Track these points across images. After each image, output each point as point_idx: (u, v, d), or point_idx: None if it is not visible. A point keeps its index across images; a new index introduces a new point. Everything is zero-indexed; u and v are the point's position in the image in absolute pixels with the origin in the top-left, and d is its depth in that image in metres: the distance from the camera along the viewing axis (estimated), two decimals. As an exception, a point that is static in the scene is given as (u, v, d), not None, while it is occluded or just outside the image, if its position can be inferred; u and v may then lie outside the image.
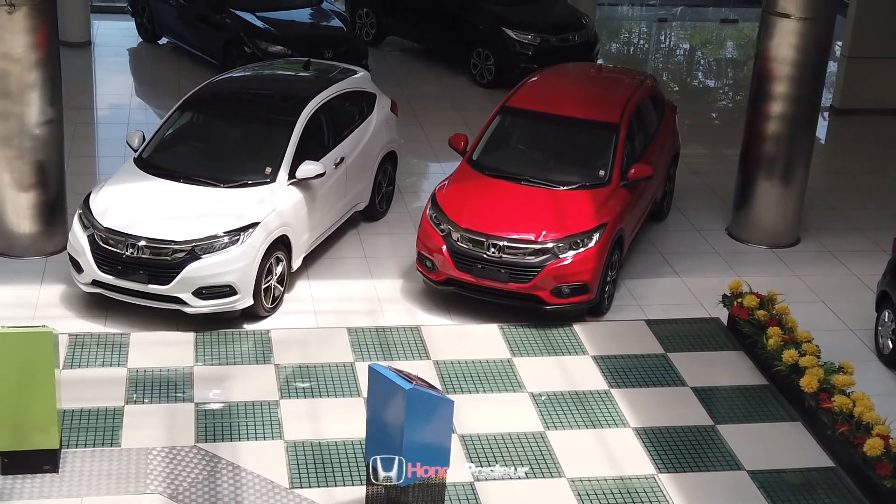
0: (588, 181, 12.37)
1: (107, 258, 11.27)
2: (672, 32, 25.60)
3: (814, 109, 13.92)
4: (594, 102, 13.36)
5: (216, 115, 12.89)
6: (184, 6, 19.48)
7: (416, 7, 20.43)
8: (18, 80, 12.12)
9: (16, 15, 11.84)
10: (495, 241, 11.66)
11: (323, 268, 12.91)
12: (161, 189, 11.82)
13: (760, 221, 14.07)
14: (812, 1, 13.08)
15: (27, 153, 12.37)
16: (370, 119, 13.77)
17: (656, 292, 12.87)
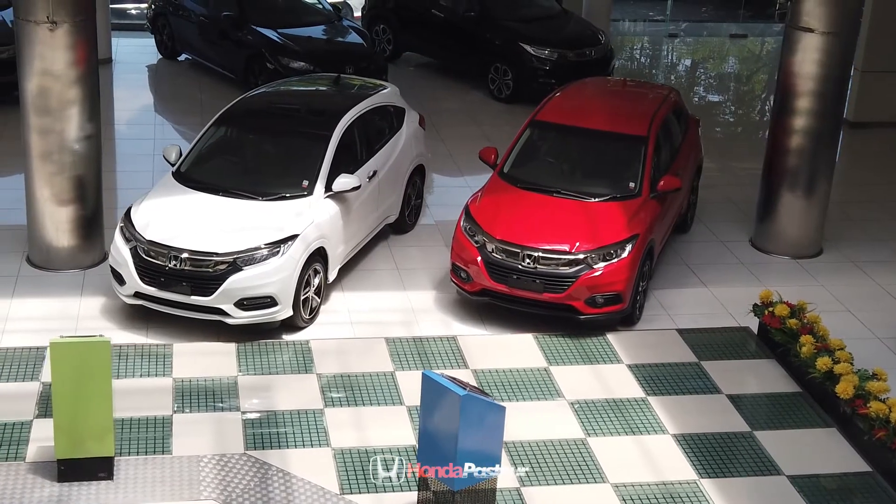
0: (618, 193, 12.58)
1: (149, 270, 11.45)
2: (682, 48, 25.87)
3: (836, 124, 14.15)
4: (622, 116, 13.59)
5: (252, 129, 13.11)
6: (204, 23, 19.71)
7: (432, 23, 20.67)
8: (59, 96, 12.31)
9: (57, 32, 12.04)
10: (530, 252, 11.86)
11: (356, 279, 13.10)
12: (201, 202, 12.01)
13: (784, 233, 14.28)
14: (835, 15, 13.31)
15: (66, 168, 12.56)
16: (400, 133, 13.99)
17: (685, 302, 13.07)
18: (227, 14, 19.03)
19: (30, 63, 12.22)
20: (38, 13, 11.96)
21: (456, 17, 20.23)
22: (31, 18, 12.02)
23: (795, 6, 13.51)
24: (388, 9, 21.36)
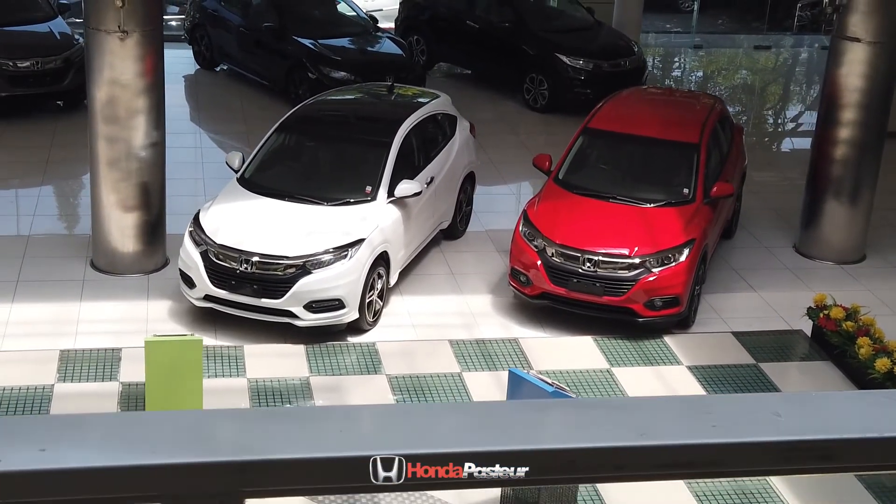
0: (673, 199, 12.86)
1: (220, 273, 11.71)
2: (710, 59, 26.18)
3: (881, 133, 14.42)
4: (673, 124, 13.87)
5: (314, 136, 13.40)
6: (244, 34, 19.99)
7: (467, 34, 20.96)
8: (127, 105, 12.58)
9: (127, 42, 12.32)
10: (590, 256, 12.13)
11: (414, 283, 13.36)
12: (268, 207, 12.28)
13: (828, 239, 14.56)
14: (882, 26, 13.61)
15: (132, 175, 12.82)
16: (454, 141, 14.27)
17: (735, 306, 13.34)
18: (267, 25, 19.32)
19: (99, 72, 12.49)
20: (109, 23, 12.23)
21: (491, 28, 20.52)
22: (101, 28, 12.29)
23: (842, 17, 13.80)
24: (423, 20, 21.66)
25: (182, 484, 1.42)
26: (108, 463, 1.39)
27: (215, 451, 1.43)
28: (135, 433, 1.46)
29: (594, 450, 1.51)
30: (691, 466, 1.53)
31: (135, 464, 1.40)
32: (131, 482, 1.41)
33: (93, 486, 1.40)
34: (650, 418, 1.56)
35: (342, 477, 1.48)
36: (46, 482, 1.38)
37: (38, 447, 1.36)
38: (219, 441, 1.45)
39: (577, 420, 1.57)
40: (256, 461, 1.43)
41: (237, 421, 1.48)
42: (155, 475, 1.41)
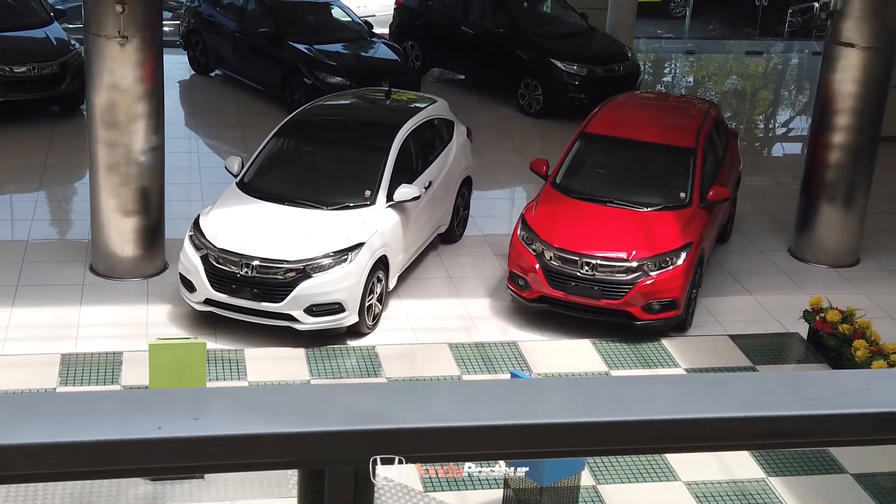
0: (670, 203, 12.95)
1: (220, 277, 11.76)
2: (702, 64, 26.31)
3: (875, 137, 14.54)
4: (669, 128, 13.97)
5: (312, 141, 13.46)
6: (239, 39, 20.05)
7: (462, 40, 21.04)
8: (126, 110, 12.62)
9: (127, 47, 12.36)
10: (588, 260, 12.21)
11: (412, 287, 13.43)
12: (267, 211, 12.34)
13: (823, 243, 14.67)
14: (876, 31, 13.74)
15: (132, 180, 12.87)
16: (451, 145, 14.35)
17: (731, 309, 13.43)
18: (263, 30, 19.38)
19: (99, 77, 12.54)
20: (108, 28, 12.28)
21: (486, 34, 20.61)
22: (101, 33, 12.34)
23: (836, 23, 13.92)
24: (418, 26, 21.74)
25: (320, 450, 1.51)
26: (254, 430, 1.48)
27: (351, 421, 1.51)
28: (279, 403, 1.55)
29: (702, 420, 1.60)
30: (791, 436, 1.61)
31: (278, 431, 1.48)
32: (275, 448, 1.50)
33: (240, 452, 1.48)
34: (751, 391, 1.64)
35: (460, 446, 1.56)
36: (199, 448, 1.47)
37: (192, 416, 1.45)
38: (354, 411, 1.53)
39: (688, 393, 1.64)
40: (388, 429, 1.51)
41: (371, 393, 1.57)
42: (296, 442, 1.50)
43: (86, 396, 1.44)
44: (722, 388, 1.64)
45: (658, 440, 1.64)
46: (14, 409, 1.50)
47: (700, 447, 1.68)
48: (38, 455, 1.42)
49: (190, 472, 1.38)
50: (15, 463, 1.45)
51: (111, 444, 1.42)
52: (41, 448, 1.42)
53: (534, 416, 1.55)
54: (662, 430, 1.55)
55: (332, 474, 1.54)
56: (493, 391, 1.68)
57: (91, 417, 1.43)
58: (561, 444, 1.60)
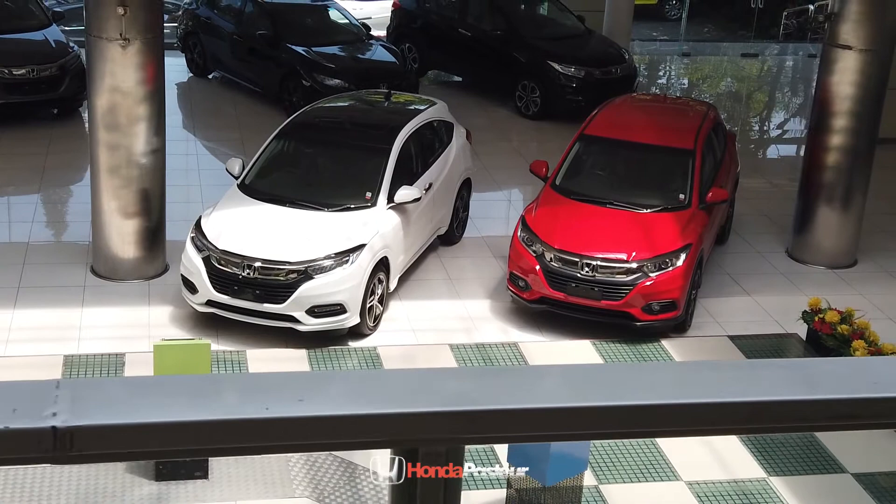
0: (669, 204, 13.01)
1: (222, 279, 11.80)
2: (698, 66, 26.40)
3: (872, 139, 14.61)
4: (668, 130, 14.04)
5: (313, 143, 13.51)
6: (237, 41, 20.10)
7: (459, 42, 21.10)
8: (128, 112, 12.65)
9: (128, 50, 12.40)
10: (588, 261, 12.27)
11: (412, 289, 13.48)
12: (269, 213, 12.38)
13: (821, 244, 14.75)
14: (873, 33, 13.81)
15: (133, 182, 12.90)
16: (450, 147, 14.40)
17: (730, 310, 13.49)
18: (261, 33, 19.43)
19: (101, 79, 12.57)
20: (110, 31, 12.32)
21: (483, 36, 20.68)
22: (103, 36, 12.38)
23: (834, 25, 14.00)
24: (415, 28, 21.81)
25: (412, 431, 1.57)
26: (353, 412, 1.54)
27: (444, 402, 1.57)
28: (374, 387, 1.61)
29: (777, 402, 1.67)
30: (858, 418, 1.68)
31: (376, 412, 1.55)
32: (372, 429, 1.56)
33: (339, 432, 1.55)
34: (822, 375, 1.70)
35: (543, 426, 1.62)
36: (305, 427, 1.53)
37: (297, 398, 1.51)
38: (444, 394, 1.59)
39: (767, 376, 1.71)
40: (477, 411, 1.57)
41: (461, 376, 1.63)
42: (391, 422, 1.56)
43: (203, 379, 1.49)
44: (790, 372, 1.70)
45: (758, 420, 1.70)
46: (145, 390, 1.58)
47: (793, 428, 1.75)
48: (165, 432, 1.48)
49: (295, 450, 1.47)
50: (148, 440, 1.52)
51: (226, 423, 1.48)
52: (168, 426, 1.48)
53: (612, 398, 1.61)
54: (759, 410, 1.62)
55: (424, 454, 1.61)
56: (572, 374, 1.74)
57: (207, 398, 1.50)
58: (662, 424, 1.66)
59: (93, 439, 1.45)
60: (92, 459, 1.49)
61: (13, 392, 1.52)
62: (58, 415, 1.44)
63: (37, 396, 1.47)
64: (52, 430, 1.44)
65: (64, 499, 9.30)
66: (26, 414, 1.43)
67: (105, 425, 1.45)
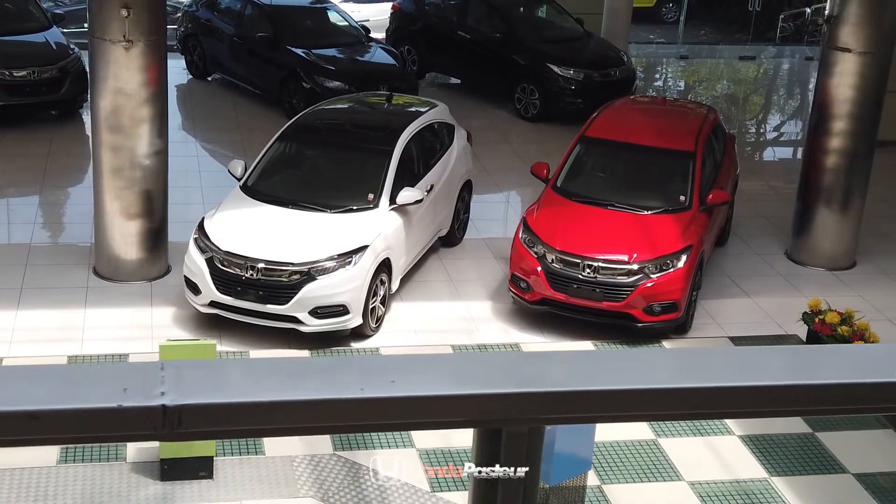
0: (670, 206, 13.08)
1: (225, 280, 11.84)
2: (696, 69, 26.49)
3: (871, 142, 14.68)
4: (668, 132, 14.10)
5: (315, 144, 13.56)
6: (237, 44, 20.14)
7: (459, 45, 21.16)
8: (131, 114, 12.68)
9: (132, 52, 12.44)
10: (590, 262, 12.33)
11: (414, 290, 13.53)
12: (271, 214, 12.43)
13: (820, 246, 14.82)
14: (873, 36, 13.88)
15: (136, 183, 12.93)
16: (451, 149, 14.46)
17: (730, 311, 13.56)
18: (261, 35, 19.47)
19: (104, 81, 12.60)
20: (113, 32, 12.35)
21: (483, 39, 20.74)
22: (106, 37, 12.42)
23: (833, 28, 14.07)
24: (415, 30, 21.86)
25: (497, 412, 1.63)
26: (441, 392, 1.60)
27: (528, 384, 1.62)
28: (462, 369, 1.67)
29: (824, 385, 1.75)
30: None
31: (461, 393, 1.61)
32: (459, 408, 1.62)
33: (428, 411, 1.61)
34: (858, 362, 1.77)
35: (618, 407, 1.68)
36: (397, 407, 1.59)
37: (389, 379, 1.57)
38: (529, 375, 1.65)
39: (811, 360, 1.77)
40: (560, 392, 1.62)
41: (544, 359, 1.69)
42: (478, 403, 1.62)
43: (298, 361, 1.55)
44: (831, 358, 1.76)
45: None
46: (243, 371, 1.66)
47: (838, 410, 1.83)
48: (264, 411, 1.54)
49: (386, 429, 1.58)
50: (249, 419, 1.60)
51: (321, 402, 1.54)
52: (267, 405, 1.54)
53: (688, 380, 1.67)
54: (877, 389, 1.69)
55: (508, 433, 1.67)
56: (650, 357, 1.80)
57: (302, 379, 1.56)
58: (725, 406, 1.72)
59: (199, 417, 1.52)
60: (197, 437, 1.55)
61: (121, 372, 1.59)
62: (166, 394, 1.51)
63: (144, 376, 1.54)
64: (162, 409, 1.51)
65: (70, 499, 9.34)
66: (137, 393, 1.50)
67: (209, 404, 1.52)
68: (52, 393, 1.51)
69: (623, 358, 1.75)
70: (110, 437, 1.56)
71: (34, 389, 1.52)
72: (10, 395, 1.52)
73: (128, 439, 1.57)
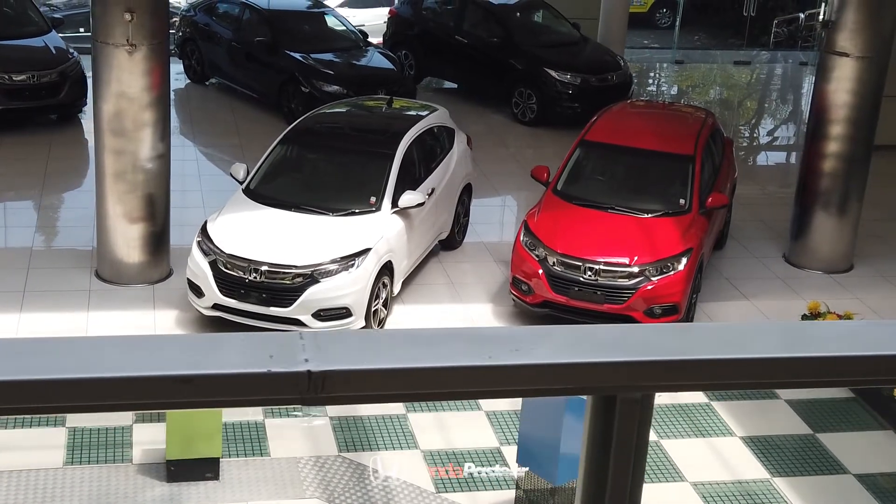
0: (670, 209, 13.16)
1: (229, 283, 11.89)
2: (692, 73, 26.60)
3: (868, 146, 14.78)
4: (668, 136, 14.19)
5: (318, 148, 13.63)
6: (235, 48, 20.19)
7: (456, 49, 21.24)
8: (133, 118, 12.73)
9: (135, 56, 12.49)
10: (591, 265, 12.41)
11: (415, 293, 13.59)
12: (274, 217, 12.49)
13: (817, 249, 14.91)
14: (870, 41, 13.98)
15: (138, 187, 12.98)
16: (452, 153, 14.54)
17: (729, 314, 13.64)
18: (259, 39, 19.53)
19: (107, 85, 12.65)
20: (117, 36, 12.40)
21: (480, 43, 20.83)
22: (109, 41, 12.46)
23: (831, 33, 14.17)
24: (412, 35, 21.93)
25: (613, 379, 1.71)
26: (561, 360, 1.68)
27: (643, 352, 1.71)
28: (580, 338, 1.76)
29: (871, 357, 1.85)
30: None
31: (579, 361, 1.69)
32: (576, 375, 1.71)
33: (548, 378, 1.69)
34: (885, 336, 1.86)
35: (724, 375, 1.77)
36: (520, 374, 1.67)
37: (513, 348, 1.65)
38: (645, 344, 1.74)
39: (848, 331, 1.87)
40: (673, 360, 1.71)
41: (653, 330, 1.78)
42: (596, 370, 1.71)
43: (429, 331, 1.63)
44: None
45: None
46: (379, 341, 1.74)
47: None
48: (401, 377, 1.62)
49: (510, 395, 1.70)
50: (387, 384, 1.70)
51: (452, 369, 1.63)
52: (403, 371, 1.63)
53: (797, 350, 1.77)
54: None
55: (622, 400, 1.76)
56: (756, 329, 1.88)
57: (435, 347, 1.65)
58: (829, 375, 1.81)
59: (341, 382, 1.61)
60: (337, 401, 1.64)
61: (265, 341, 1.68)
62: (310, 361, 1.59)
63: (287, 345, 1.63)
64: (308, 374, 1.59)
65: (77, 500, 9.38)
66: (283, 360, 1.59)
67: (350, 370, 1.60)
68: (203, 359, 1.61)
69: (730, 329, 1.84)
70: (258, 400, 1.66)
71: (186, 356, 1.62)
72: (165, 360, 1.61)
73: (274, 403, 1.65)
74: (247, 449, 10.27)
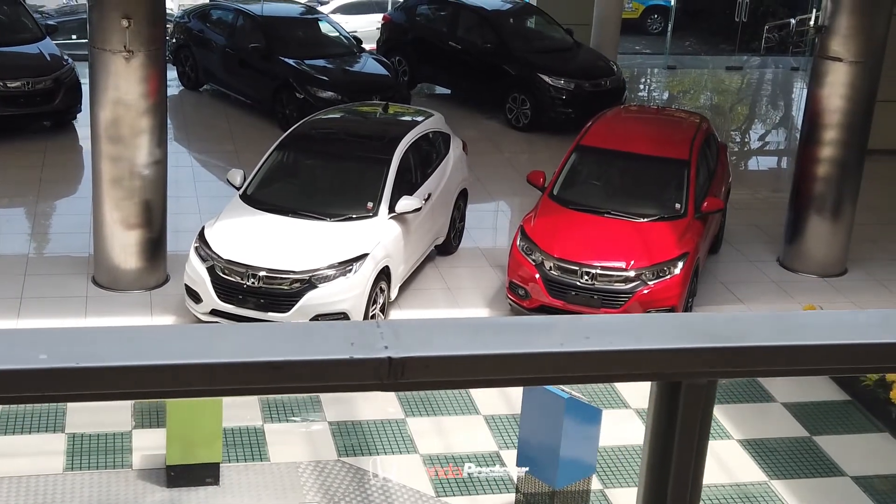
0: (666, 214, 13.22)
1: (227, 288, 11.92)
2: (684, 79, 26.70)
3: (862, 150, 14.86)
4: (663, 141, 14.26)
5: (314, 154, 13.67)
6: (230, 54, 20.23)
7: (450, 56, 21.30)
8: (130, 125, 12.74)
9: (132, 62, 12.51)
10: (588, 270, 12.46)
11: (412, 298, 13.62)
12: (271, 223, 12.52)
13: (812, 253, 14.98)
14: (863, 46, 14.07)
15: (135, 193, 12.99)
16: (448, 158, 14.58)
17: (725, 318, 13.69)
18: (253, 45, 19.57)
19: (104, 91, 12.67)
20: (114, 43, 12.42)
21: (474, 49, 20.88)
22: (106, 48, 12.48)
23: (824, 38, 14.25)
24: (405, 41, 21.99)
25: (678, 366, 1.77)
26: (632, 346, 1.74)
27: (708, 340, 1.76)
28: (646, 326, 1.81)
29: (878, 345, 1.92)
30: None
31: (646, 348, 1.74)
32: (644, 362, 1.77)
33: (619, 365, 1.75)
34: None
35: (785, 361, 1.83)
36: (591, 360, 1.73)
37: (585, 336, 1.71)
38: (709, 332, 1.79)
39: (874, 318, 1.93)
40: (738, 347, 1.76)
41: (718, 319, 1.83)
42: (662, 357, 1.77)
43: (501, 320, 1.68)
44: None
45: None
46: (454, 329, 1.80)
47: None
48: (476, 363, 1.68)
49: (582, 381, 1.75)
50: (464, 370, 1.78)
51: (527, 356, 1.70)
52: (479, 358, 1.68)
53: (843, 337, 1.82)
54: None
55: (687, 386, 1.82)
56: (815, 317, 1.93)
57: (509, 335, 1.70)
58: None
59: (421, 368, 1.67)
60: (416, 387, 1.69)
61: (345, 329, 1.74)
62: (389, 348, 1.65)
63: (366, 333, 1.68)
64: (388, 360, 1.64)
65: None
66: (364, 347, 1.64)
67: (429, 356, 1.66)
68: (290, 346, 1.66)
69: (788, 317, 1.90)
70: (340, 386, 1.72)
71: (274, 343, 1.67)
72: (255, 348, 1.67)
73: (355, 389, 1.70)
74: (247, 454, 10.29)
